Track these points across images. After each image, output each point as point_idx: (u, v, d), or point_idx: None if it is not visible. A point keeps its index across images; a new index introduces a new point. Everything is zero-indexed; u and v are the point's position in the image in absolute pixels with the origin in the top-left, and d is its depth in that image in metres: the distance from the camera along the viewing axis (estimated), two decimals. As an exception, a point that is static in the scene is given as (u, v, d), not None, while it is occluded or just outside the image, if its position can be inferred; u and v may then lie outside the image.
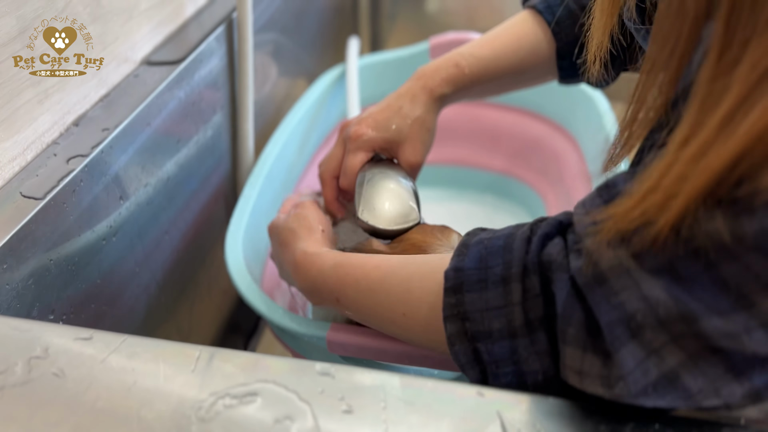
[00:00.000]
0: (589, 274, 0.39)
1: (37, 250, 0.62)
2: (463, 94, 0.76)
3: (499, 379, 0.44)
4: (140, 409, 0.42)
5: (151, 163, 0.80)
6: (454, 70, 0.74)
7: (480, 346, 0.45)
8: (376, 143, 0.74)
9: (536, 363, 0.43)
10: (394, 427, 0.40)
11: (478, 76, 0.74)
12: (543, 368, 0.43)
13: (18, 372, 0.45)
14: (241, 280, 0.74)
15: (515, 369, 0.44)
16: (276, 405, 0.42)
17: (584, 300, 0.39)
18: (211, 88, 0.93)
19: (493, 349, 0.44)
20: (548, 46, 0.74)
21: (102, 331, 0.48)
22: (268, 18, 1.11)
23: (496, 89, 0.80)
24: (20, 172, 0.65)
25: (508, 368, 0.44)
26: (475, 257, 0.46)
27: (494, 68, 0.75)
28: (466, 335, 0.45)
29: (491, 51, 0.75)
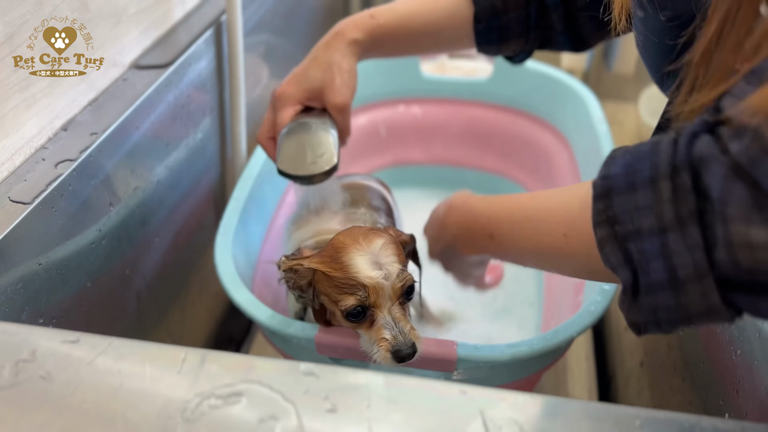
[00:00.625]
0: (756, 148, 0.39)
1: (25, 255, 0.62)
2: (379, 45, 0.78)
3: (649, 276, 0.44)
4: (126, 411, 0.43)
5: (141, 167, 0.81)
6: (368, 20, 0.76)
7: (630, 245, 0.45)
8: (300, 96, 0.76)
9: (687, 256, 0.42)
10: (377, 425, 0.41)
11: (392, 29, 0.76)
12: (694, 261, 0.42)
13: (5, 375, 0.45)
14: (231, 283, 0.74)
15: (666, 264, 0.43)
16: (261, 405, 0.42)
17: (747, 177, 0.39)
18: (200, 91, 0.94)
19: (644, 246, 0.44)
20: (466, 9, 0.76)
21: (89, 333, 0.48)
22: (258, 20, 1.12)
23: (414, 46, 0.81)
24: (8, 177, 0.65)
25: (658, 263, 0.43)
26: (621, 164, 0.47)
27: (409, 23, 0.77)
28: (616, 238, 0.46)
29: (407, 6, 0.77)
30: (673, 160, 0.43)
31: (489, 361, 0.66)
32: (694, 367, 0.70)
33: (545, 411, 0.41)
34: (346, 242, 0.62)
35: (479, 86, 1.23)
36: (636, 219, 0.44)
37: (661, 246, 0.43)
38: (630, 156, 0.47)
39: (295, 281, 0.64)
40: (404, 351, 0.59)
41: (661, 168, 0.44)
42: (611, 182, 0.47)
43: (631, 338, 0.95)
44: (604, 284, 0.73)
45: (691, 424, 0.40)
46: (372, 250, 0.61)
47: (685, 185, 0.42)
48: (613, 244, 0.46)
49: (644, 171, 0.45)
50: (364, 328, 0.62)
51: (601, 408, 0.41)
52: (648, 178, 0.44)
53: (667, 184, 0.43)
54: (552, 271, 0.62)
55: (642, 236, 0.44)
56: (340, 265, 0.60)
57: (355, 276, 0.60)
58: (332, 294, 0.61)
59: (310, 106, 0.78)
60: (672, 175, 0.43)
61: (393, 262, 0.61)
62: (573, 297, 0.89)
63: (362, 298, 0.60)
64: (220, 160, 1.03)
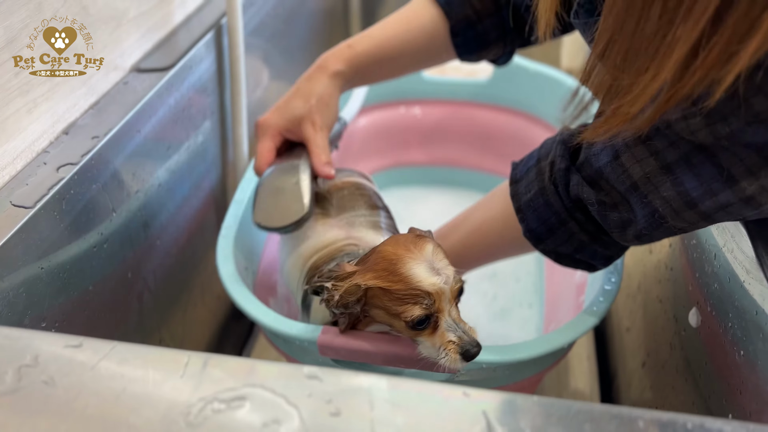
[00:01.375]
0: (589, 172, 0.60)
1: (27, 259, 0.62)
2: (361, 73, 0.80)
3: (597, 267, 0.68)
4: (129, 416, 0.42)
5: (142, 170, 0.81)
6: (346, 50, 0.79)
7: (575, 257, 0.66)
8: (281, 125, 0.79)
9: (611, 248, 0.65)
10: (381, 428, 0.41)
11: (371, 55, 0.79)
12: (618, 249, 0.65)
13: (8, 380, 0.45)
14: (233, 285, 0.74)
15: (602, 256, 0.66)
16: (264, 409, 0.42)
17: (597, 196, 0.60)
18: (200, 94, 0.94)
19: (583, 255, 0.66)
20: (442, 25, 0.78)
21: (91, 338, 0.48)
22: (258, 23, 1.12)
23: (396, 68, 0.83)
24: (10, 182, 0.65)
25: (597, 259, 0.66)
26: (533, 218, 0.66)
27: (387, 47, 0.79)
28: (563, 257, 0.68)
29: (381, 31, 0.80)
30: (566, 207, 0.63)
31: (492, 363, 0.66)
32: (696, 368, 0.70)
33: (549, 414, 0.41)
34: (398, 252, 0.60)
35: (479, 87, 1.23)
36: (569, 245, 0.65)
37: (593, 252, 0.65)
38: (534, 211, 0.65)
39: (340, 299, 0.61)
40: (472, 350, 0.59)
41: (562, 215, 0.63)
42: (536, 233, 0.66)
43: (633, 338, 0.95)
44: (606, 284, 0.73)
45: (695, 425, 0.39)
46: (426, 257, 0.60)
47: (581, 219, 0.63)
48: (564, 260, 0.68)
49: (551, 219, 0.64)
50: (426, 335, 0.60)
51: (604, 410, 0.41)
52: (557, 223, 0.64)
53: (573, 223, 0.63)
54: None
55: (577, 252, 0.66)
56: (399, 278, 0.59)
57: (419, 286, 0.58)
58: (392, 307, 0.60)
59: (291, 139, 0.80)
60: (572, 216, 0.63)
61: (447, 265, 0.61)
62: (575, 297, 0.89)
63: (428, 306, 0.59)
64: (221, 163, 1.03)
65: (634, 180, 0.55)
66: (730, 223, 0.62)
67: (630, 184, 0.56)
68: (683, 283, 0.75)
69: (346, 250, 0.72)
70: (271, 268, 0.95)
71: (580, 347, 1.04)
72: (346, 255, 0.71)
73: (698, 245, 0.69)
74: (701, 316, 0.68)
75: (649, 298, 0.89)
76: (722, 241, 0.63)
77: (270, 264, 0.94)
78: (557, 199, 0.63)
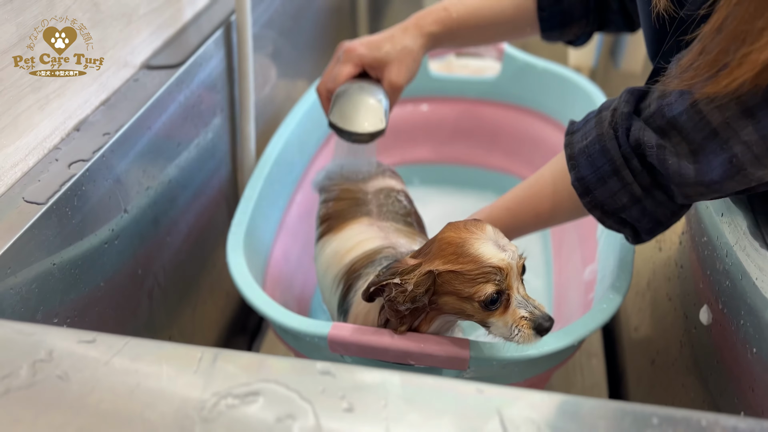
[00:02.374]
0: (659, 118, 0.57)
1: (40, 255, 0.62)
2: (450, 37, 0.85)
3: (644, 227, 0.64)
4: (144, 411, 0.43)
5: (152, 167, 0.81)
6: (443, 13, 0.83)
7: (622, 214, 0.63)
8: (365, 59, 0.82)
9: (662, 208, 0.62)
10: (394, 424, 0.41)
11: (464, 20, 0.84)
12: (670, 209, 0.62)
13: (23, 375, 0.45)
14: (243, 281, 0.74)
15: (650, 218, 0.63)
16: (278, 404, 0.42)
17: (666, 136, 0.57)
18: (210, 91, 0.94)
19: (631, 213, 0.63)
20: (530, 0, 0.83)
21: (105, 333, 0.49)
22: (267, 20, 1.12)
23: (482, 37, 0.88)
24: (22, 178, 0.66)
25: (645, 219, 0.63)
26: (586, 165, 0.63)
27: (478, 14, 0.84)
28: (608, 214, 0.64)
29: (479, 1, 0.84)
30: (622, 152, 0.60)
31: (501, 360, 0.66)
32: (706, 366, 0.70)
33: (562, 410, 0.41)
34: (462, 236, 0.61)
35: (487, 84, 1.23)
36: (616, 199, 0.62)
37: (642, 209, 0.62)
38: (587, 157, 0.63)
39: (412, 292, 0.61)
40: (545, 324, 0.60)
41: (617, 161, 0.60)
42: (586, 182, 0.63)
43: (642, 336, 0.95)
44: (615, 282, 0.73)
45: (710, 422, 0.39)
46: (490, 236, 0.61)
47: (637, 168, 0.60)
48: (609, 218, 0.64)
49: (605, 166, 0.61)
50: (498, 314, 0.61)
51: (618, 407, 0.41)
52: (611, 171, 0.61)
53: (627, 172, 0.60)
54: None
55: (626, 207, 0.62)
56: (468, 258, 0.60)
57: (489, 262, 0.59)
58: (464, 290, 0.60)
59: (370, 74, 0.84)
60: (626, 164, 0.60)
61: (509, 242, 0.62)
62: (584, 295, 0.89)
63: (499, 282, 0.60)
64: (231, 160, 1.03)
65: (713, 126, 0.54)
66: (742, 220, 0.62)
67: (709, 130, 0.54)
68: (693, 280, 0.75)
69: (385, 254, 0.72)
70: (281, 264, 0.95)
71: (589, 344, 1.04)
72: (384, 258, 0.71)
73: (709, 242, 0.69)
74: (712, 314, 0.68)
75: (658, 296, 0.89)
76: (734, 239, 0.62)
77: (279, 260, 0.95)
78: (615, 144, 0.60)
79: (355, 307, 0.71)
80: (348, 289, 0.73)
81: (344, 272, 0.74)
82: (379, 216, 0.79)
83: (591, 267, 0.91)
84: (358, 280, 0.71)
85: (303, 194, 1.05)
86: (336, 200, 0.82)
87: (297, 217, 1.02)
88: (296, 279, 1.00)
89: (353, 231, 0.77)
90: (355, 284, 0.72)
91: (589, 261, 0.92)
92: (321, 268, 0.80)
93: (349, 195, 0.82)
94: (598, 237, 0.91)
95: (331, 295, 0.76)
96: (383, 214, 0.79)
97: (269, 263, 0.92)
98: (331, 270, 0.77)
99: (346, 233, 0.77)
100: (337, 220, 0.79)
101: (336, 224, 0.79)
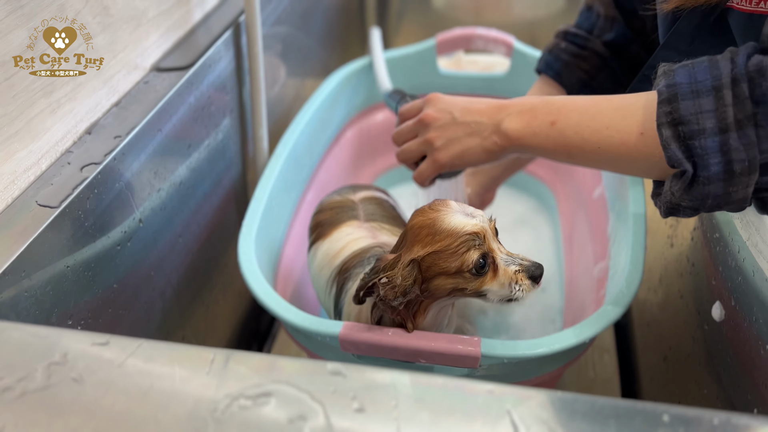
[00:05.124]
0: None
1: (53, 258, 0.63)
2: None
3: (709, 169, 0.53)
4: (157, 412, 0.43)
5: (163, 169, 0.81)
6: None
7: (694, 143, 0.53)
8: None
9: (743, 153, 0.52)
10: (405, 424, 0.41)
11: None
12: (749, 157, 0.52)
13: (38, 378, 0.46)
14: (255, 281, 0.75)
15: (723, 159, 0.52)
16: (289, 405, 0.43)
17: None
18: (220, 92, 0.94)
19: (706, 143, 0.53)
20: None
21: (118, 336, 0.49)
22: (275, 19, 1.12)
23: None
24: (35, 182, 0.66)
25: (717, 158, 0.53)
26: (684, 74, 0.55)
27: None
28: (680, 137, 0.54)
29: None
30: (733, 73, 0.52)
31: (512, 358, 0.66)
32: (719, 362, 0.70)
33: (573, 409, 0.41)
34: (431, 216, 0.62)
35: (497, 81, 1.23)
36: (701, 120, 0.53)
37: (722, 144, 0.52)
38: (689, 68, 0.55)
39: (401, 285, 0.61)
40: (537, 271, 0.62)
41: (723, 79, 0.53)
42: (677, 89, 0.54)
43: (654, 333, 0.95)
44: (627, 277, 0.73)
45: (722, 421, 0.39)
46: (455, 208, 0.62)
47: (743, 93, 0.52)
48: (678, 142, 0.54)
49: (707, 81, 0.53)
50: (490, 279, 0.62)
51: (629, 405, 0.41)
52: (711, 87, 0.53)
53: (729, 92, 0.52)
54: (603, 168, 0.66)
55: (705, 135, 0.53)
56: (443, 234, 0.60)
57: (464, 230, 0.60)
58: (450, 265, 0.60)
59: None
60: (732, 85, 0.52)
61: (475, 209, 0.63)
62: (595, 291, 0.89)
63: (479, 245, 0.61)
64: (241, 160, 1.03)
65: None
66: (754, 216, 0.61)
67: None
68: (705, 277, 0.75)
69: (373, 252, 0.72)
70: (291, 264, 0.95)
71: (601, 341, 1.03)
72: (373, 257, 0.71)
73: (721, 239, 0.69)
74: (725, 310, 0.68)
75: (670, 292, 0.89)
76: (746, 235, 0.62)
77: (290, 260, 0.95)
78: (728, 64, 0.53)
79: (348, 306, 0.71)
80: (340, 289, 0.74)
81: (336, 273, 0.75)
82: (366, 218, 0.80)
83: (602, 263, 0.90)
84: (348, 280, 0.72)
85: (313, 193, 1.06)
86: (324, 211, 0.83)
87: (307, 217, 1.03)
88: (305, 278, 1.01)
89: (342, 233, 0.78)
90: (345, 284, 0.73)
91: (601, 258, 0.92)
92: (314, 272, 0.81)
93: (338, 204, 0.83)
94: (609, 233, 0.91)
95: (326, 297, 0.77)
96: (370, 215, 0.81)
97: (280, 263, 0.92)
98: (323, 272, 0.78)
99: (336, 236, 0.78)
100: (327, 227, 0.80)
101: (326, 231, 0.80)
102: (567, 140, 0.64)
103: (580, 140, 0.63)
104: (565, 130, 0.63)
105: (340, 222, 0.80)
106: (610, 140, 0.61)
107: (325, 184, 1.08)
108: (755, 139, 0.52)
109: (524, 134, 0.66)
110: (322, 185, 1.08)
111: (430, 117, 0.71)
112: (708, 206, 0.55)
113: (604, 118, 0.61)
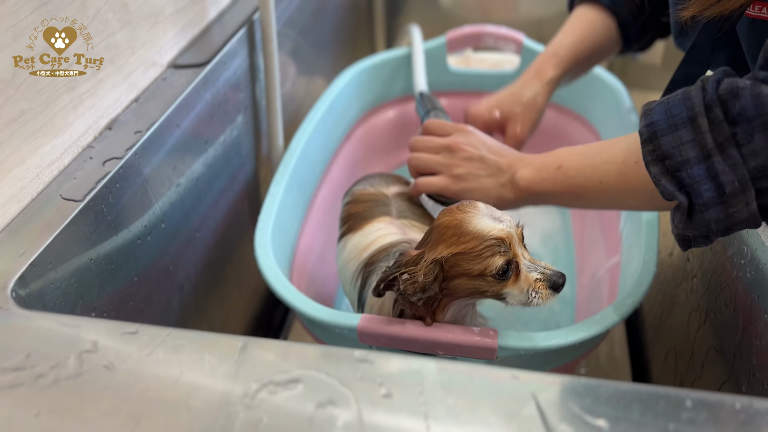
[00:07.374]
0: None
1: (78, 250, 0.64)
2: (565, 75, 0.93)
3: (702, 196, 0.54)
4: (189, 399, 0.44)
5: (181, 164, 0.82)
6: (554, 58, 0.91)
7: (682, 174, 0.55)
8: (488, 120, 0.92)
9: (731, 174, 0.52)
10: (432, 409, 0.42)
11: (573, 57, 0.91)
12: (738, 177, 0.52)
13: (70, 365, 0.47)
14: (272, 275, 0.76)
15: (713, 184, 0.53)
16: (318, 391, 0.44)
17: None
18: (235, 89, 0.95)
19: (693, 172, 0.54)
20: (611, 23, 0.90)
21: (147, 325, 0.50)
22: (288, 18, 1.13)
23: (588, 66, 0.97)
24: (59, 176, 0.67)
25: (707, 185, 0.54)
26: (660, 112, 0.57)
27: (581, 49, 0.92)
28: (668, 171, 0.56)
29: (571, 37, 0.92)
30: (705, 101, 0.54)
31: (529, 350, 0.67)
32: (732, 353, 0.70)
33: (596, 394, 0.42)
34: (458, 217, 0.63)
35: (506, 78, 1.23)
36: (683, 151, 0.54)
37: (708, 169, 0.53)
38: (665, 104, 0.57)
39: (422, 282, 0.61)
40: (559, 280, 0.63)
41: (696, 108, 0.54)
42: (655, 127, 0.56)
43: (666, 324, 0.96)
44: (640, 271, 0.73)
45: (744, 405, 0.40)
46: (483, 211, 0.63)
47: (718, 117, 0.53)
48: (667, 176, 0.56)
49: (682, 113, 0.55)
50: (511, 283, 0.63)
51: (652, 390, 0.42)
52: (686, 118, 0.54)
53: (704, 120, 0.53)
54: (612, 206, 0.71)
55: (690, 164, 0.54)
56: (470, 236, 0.61)
57: (490, 235, 0.61)
58: (473, 268, 0.61)
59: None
60: (707, 112, 0.53)
61: (503, 213, 0.64)
62: (608, 286, 0.90)
63: (505, 252, 0.61)
64: (255, 156, 1.04)
65: None
66: None
67: None
68: (717, 267, 0.75)
69: (400, 248, 0.73)
70: (306, 257, 0.96)
71: (611, 333, 1.04)
72: (398, 251, 0.72)
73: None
74: (736, 300, 0.68)
75: (681, 284, 0.89)
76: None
77: (305, 253, 0.96)
78: (699, 93, 0.54)
79: (370, 299, 0.72)
80: (364, 282, 0.74)
81: (362, 266, 0.76)
82: (398, 215, 0.81)
83: (615, 258, 0.91)
84: (373, 273, 0.73)
85: (327, 189, 1.06)
86: (358, 202, 0.84)
87: (322, 212, 1.04)
88: (320, 271, 1.01)
89: (373, 228, 0.79)
90: (369, 277, 0.73)
91: (613, 253, 0.93)
92: (342, 263, 0.81)
93: (371, 197, 0.83)
94: (621, 230, 0.92)
95: (351, 289, 0.78)
96: (401, 212, 0.81)
97: (295, 257, 0.93)
98: (351, 264, 0.78)
99: (367, 230, 0.79)
100: (358, 220, 0.81)
101: (357, 224, 0.81)
102: (572, 180, 0.67)
103: (584, 179, 0.66)
104: (570, 170, 0.67)
105: (373, 217, 0.80)
106: (609, 173, 0.64)
107: (337, 181, 1.09)
108: (740, 158, 0.52)
109: (534, 181, 0.70)
110: (334, 182, 1.08)
111: (459, 146, 0.76)
112: (715, 231, 0.55)
113: (603, 154, 0.65)
